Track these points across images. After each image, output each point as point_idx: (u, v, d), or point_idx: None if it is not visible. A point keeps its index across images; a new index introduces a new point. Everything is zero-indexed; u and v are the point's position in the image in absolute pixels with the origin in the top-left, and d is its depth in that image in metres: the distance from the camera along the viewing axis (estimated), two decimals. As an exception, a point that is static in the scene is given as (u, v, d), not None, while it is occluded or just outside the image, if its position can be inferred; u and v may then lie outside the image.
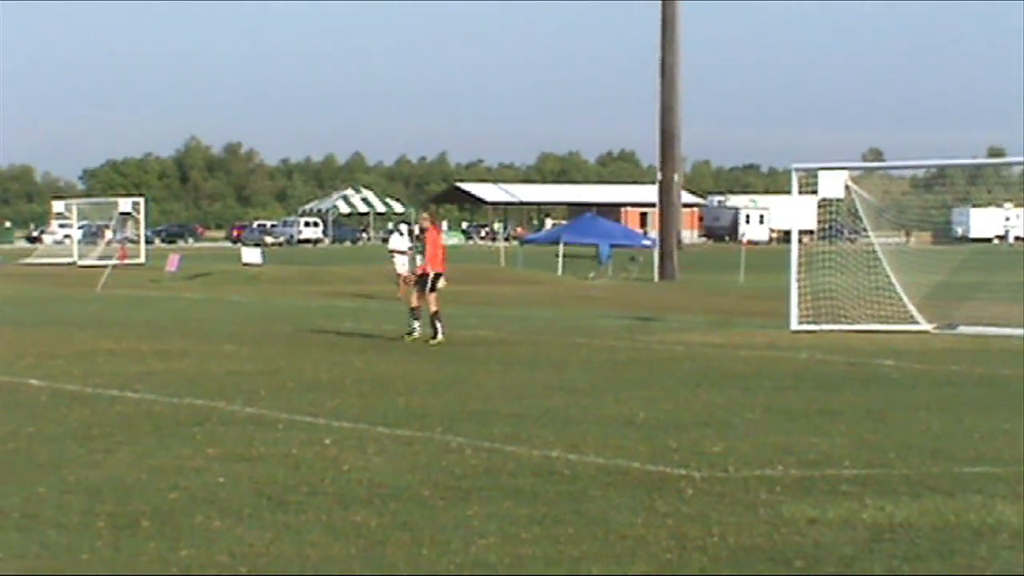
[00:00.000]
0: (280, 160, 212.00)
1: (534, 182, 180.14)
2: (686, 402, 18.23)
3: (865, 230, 33.05)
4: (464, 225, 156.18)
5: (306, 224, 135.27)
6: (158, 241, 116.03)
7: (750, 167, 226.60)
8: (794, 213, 32.74)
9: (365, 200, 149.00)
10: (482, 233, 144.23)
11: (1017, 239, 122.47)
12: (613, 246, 65.55)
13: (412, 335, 27.31)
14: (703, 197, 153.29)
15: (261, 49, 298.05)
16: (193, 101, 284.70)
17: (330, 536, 10.48)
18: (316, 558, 9.87)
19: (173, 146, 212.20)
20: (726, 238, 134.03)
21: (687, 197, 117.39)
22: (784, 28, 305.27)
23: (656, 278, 60.10)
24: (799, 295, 30.89)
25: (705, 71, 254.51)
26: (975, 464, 13.69)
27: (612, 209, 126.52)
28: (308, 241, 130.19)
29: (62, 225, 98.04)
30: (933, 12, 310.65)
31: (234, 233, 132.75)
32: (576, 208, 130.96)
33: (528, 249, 76.41)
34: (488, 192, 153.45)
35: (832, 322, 30.31)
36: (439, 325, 27.04)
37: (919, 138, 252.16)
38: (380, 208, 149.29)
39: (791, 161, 33.67)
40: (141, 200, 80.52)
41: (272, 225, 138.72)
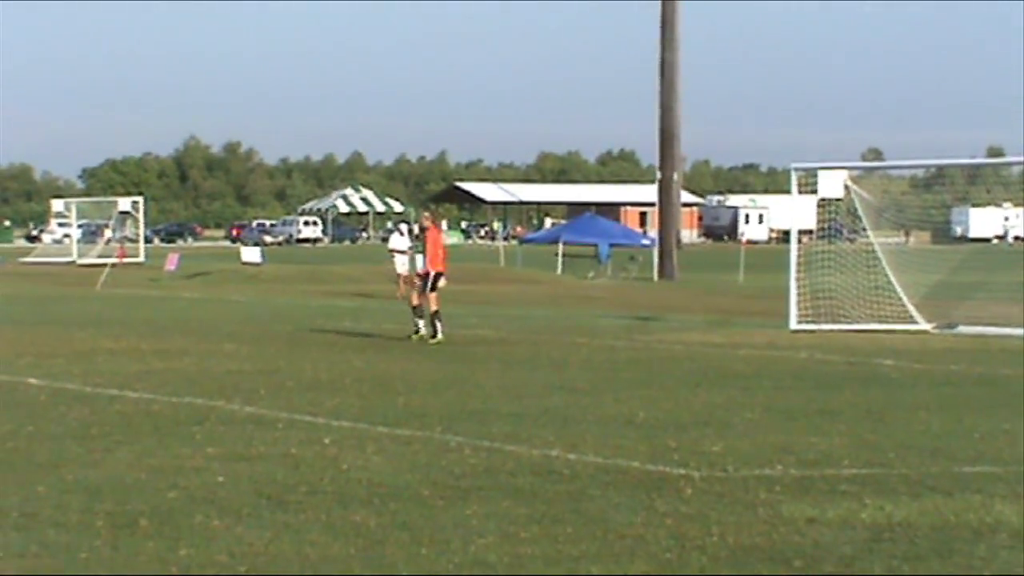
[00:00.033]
0: (279, 159, 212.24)
1: (534, 181, 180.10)
2: (685, 402, 18.23)
3: (864, 230, 33.06)
4: (463, 224, 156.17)
5: (305, 223, 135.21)
6: (157, 240, 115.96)
7: (749, 167, 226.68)
8: (794, 213, 32.75)
9: (364, 199, 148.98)
10: (481, 232, 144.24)
11: (1016, 239, 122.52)
12: (612, 246, 65.56)
13: (418, 333, 27.31)
14: (703, 197, 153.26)
15: (260, 48, 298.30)
16: (192, 100, 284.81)
17: (329, 535, 10.48)
18: (315, 557, 9.86)
19: (172, 145, 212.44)
20: (725, 238, 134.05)
21: (686, 197, 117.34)
22: (784, 28, 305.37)
23: (655, 278, 60.12)
24: (798, 295, 30.90)
25: (705, 71, 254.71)
26: (974, 464, 13.69)
27: (611, 209, 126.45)
28: (307, 240, 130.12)
29: (61, 224, 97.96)
30: (933, 12, 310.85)
31: (233, 232, 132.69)
32: (575, 208, 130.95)
33: (527, 248, 76.42)
34: (487, 191, 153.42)
35: (831, 322, 30.31)
36: (439, 324, 27.05)
37: (918, 138, 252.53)
38: (379, 207, 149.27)
39: (790, 161, 33.70)
40: (140, 199, 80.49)
41: (271, 224, 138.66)
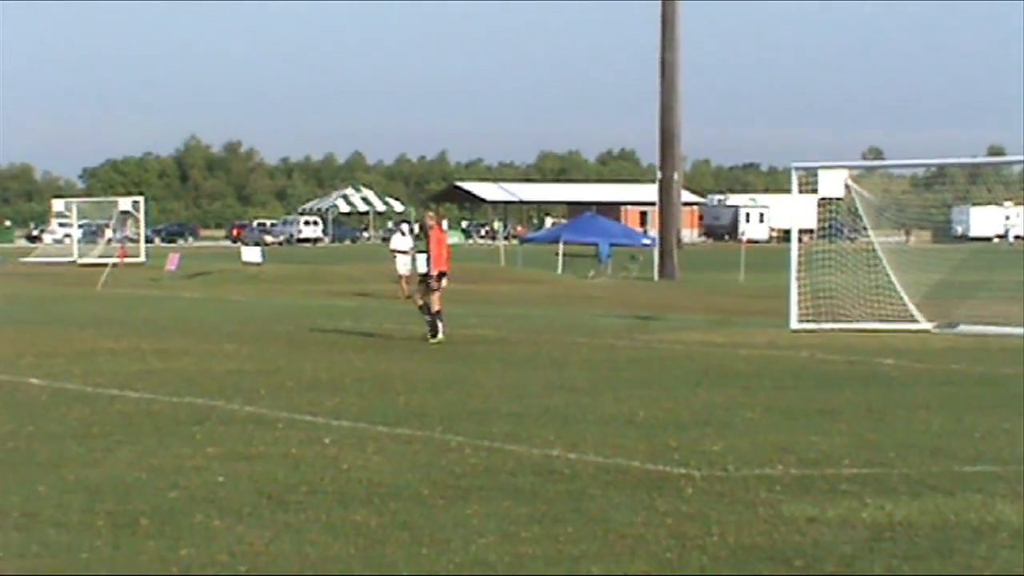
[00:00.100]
0: (280, 159, 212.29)
1: (534, 181, 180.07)
2: (686, 401, 18.23)
3: (865, 229, 33.05)
4: (464, 224, 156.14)
5: (306, 223, 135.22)
6: (158, 240, 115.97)
7: (750, 166, 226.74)
8: (794, 212, 32.75)
9: (365, 199, 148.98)
10: (482, 232, 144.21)
11: (1017, 238, 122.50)
12: (613, 245, 65.58)
13: (435, 337, 27.21)
14: (703, 196, 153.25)
15: (261, 48, 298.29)
16: (193, 100, 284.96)
17: (330, 535, 10.48)
18: (316, 557, 9.86)
19: (173, 145, 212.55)
20: (726, 237, 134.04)
21: (687, 196, 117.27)
22: (784, 27, 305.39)
23: (656, 277, 60.11)
24: (799, 294, 30.89)
25: (705, 70, 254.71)
26: (975, 463, 13.69)
27: (612, 208, 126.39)
28: (308, 240, 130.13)
29: (62, 224, 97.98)
30: (933, 11, 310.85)
31: (234, 232, 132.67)
32: (576, 207, 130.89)
33: (528, 248, 76.41)
34: (488, 191, 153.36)
35: (832, 321, 30.31)
36: (440, 324, 27.05)
37: (919, 137, 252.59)
38: (380, 207, 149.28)
39: (791, 160, 33.73)
40: (141, 199, 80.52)
41: (272, 224, 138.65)
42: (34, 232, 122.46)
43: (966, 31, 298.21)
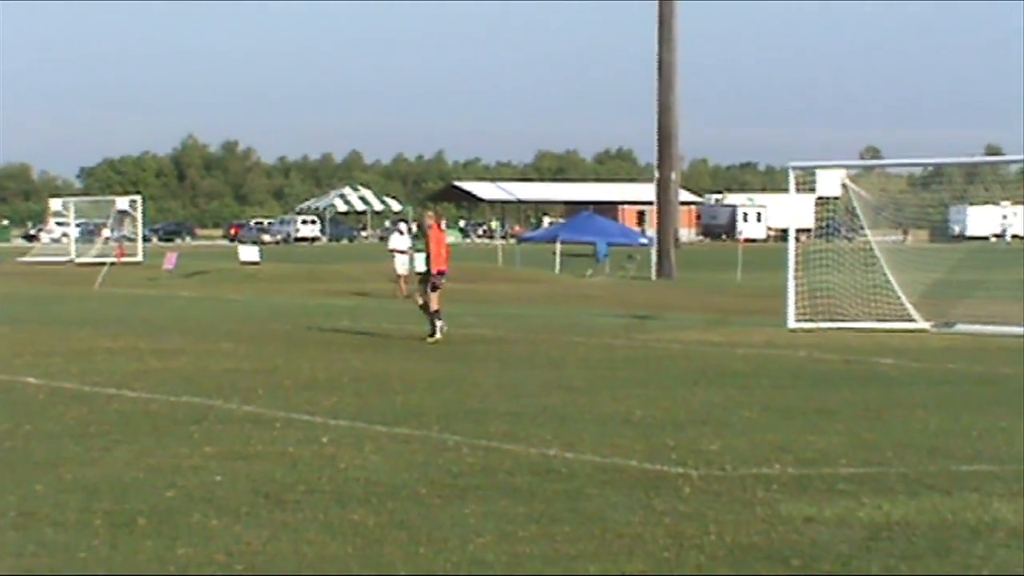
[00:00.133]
0: (277, 158, 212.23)
1: (531, 180, 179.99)
2: (683, 400, 18.23)
3: (862, 228, 33.06)
4: (461, 223, 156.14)
5: (303, 222, 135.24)
6: (155, 239, 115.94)
7: (747, 165, 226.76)
8: (792, 211, 32.76)
9: (362, 198, 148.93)
10: (479, 231, 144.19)
11: (1014, 237, 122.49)
12: (610, 244, 65.60)
13: (443, 331, 27.19)
14: (701, 195, 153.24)
15: (259, 48, 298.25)
16: (190, 100, 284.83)
17: (327, 534, 10.48)
18: (313, 556, 9.86)
19: (170, 144, 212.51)
20: (723, 236, 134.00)
21: (684, 195, 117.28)
22: (782, 27, 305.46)
23: (653, 276, 60.13)
24: (796, 293, 30.90)
25: (703, 70, 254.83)
26: (972, 462, 13.69)
27: (609, 207, 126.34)
28: (305, 239, 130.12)
29: (59, 223, 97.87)
30: (930, 11, 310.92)
31: (231, 231, 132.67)
32: (573, 206, 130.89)
33: (525, 247, 76.41)
34: (485, 190, 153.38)
35: (829, 320, 30.32)
36: (438, 324, 27.07)
37: (916, 136, 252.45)
38: (377, 206, 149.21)
39: (788, 159, 33.68)
40: (138, 198, 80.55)
41: (269, 223, 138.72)
42: (31, 231, 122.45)
43: (963, 31, 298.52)
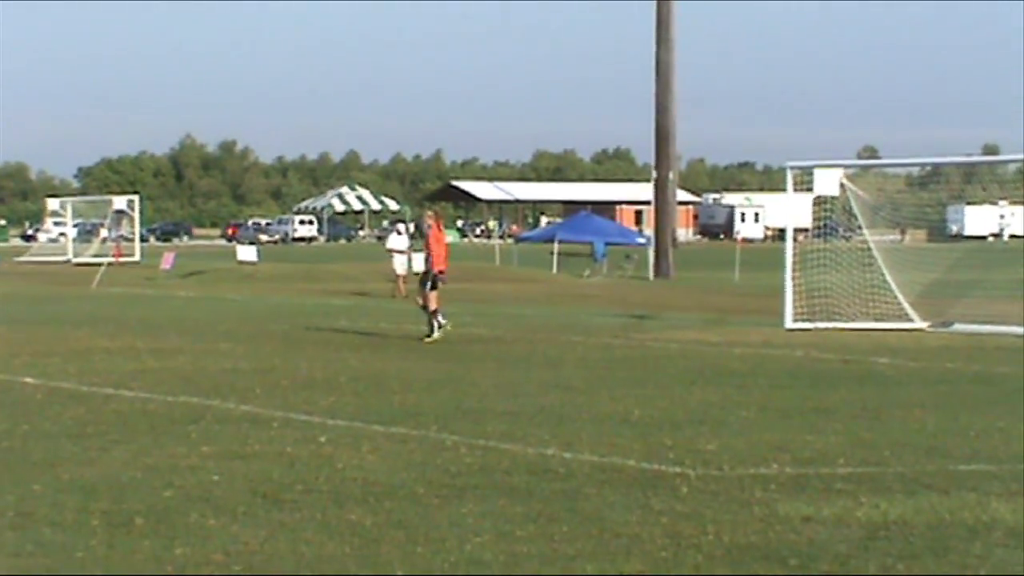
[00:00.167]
0: (275, 158, 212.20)
1: (529, 180, 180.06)
2: (681, 400, 18.23)
3: (860, 228, 33.06)
4: (459, 223, 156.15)
5: (301, 222, 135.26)
6: (153, 239, 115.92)
7: (745, 165, 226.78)
8: (789, 211, 32.77)
9: (360, 198, 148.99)
10: (477, 231, 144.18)
11: (1012, 237, 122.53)
12: (608, 244, 65.59)
13: (445, 328, 27.17)
14: (698, 195, 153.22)
15: (256, 47, 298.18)
16: (188, 99, 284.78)
17: (325, 534, 10.47)
18: (311, 556, 9.86)
19: (168, 144, 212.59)
20: (721, 236, 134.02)
21: (682, 195, 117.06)
22: (780, 27, 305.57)
23: (651, 276, 60.13)
24: (794, 293, 30.90)
25: (701, 70, 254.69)
26: (970, 462, 13.70)
27: (607, 207, 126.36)
28: (303, 239, 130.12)
29: (57, 223, 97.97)
30: (928, 11, 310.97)
31: (229, 231, 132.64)
32: (571, 206, 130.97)
33: (523, 247, 76.41)
34: (483, 190, 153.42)
35: (827, 320, 30.32)
36: (436, 323, 27.08)
37: (914, 136, 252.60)
38: (375, 206, 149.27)
39: (786, 159, 33.67)
40: (136, 198, 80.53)
41: (267, 223, 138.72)
42: (29, 231, 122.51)
43: (961, 31, 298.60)
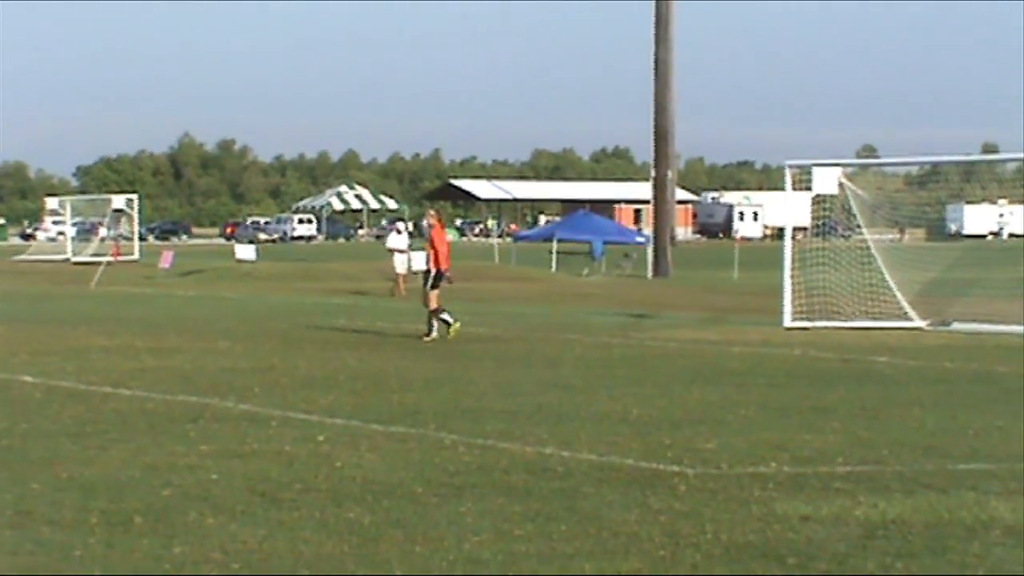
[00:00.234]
0: (274, 157, 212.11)
1: (528, 179, 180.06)
2: (679, 399, 18.23)
3: (859, 227, 33.06)
4: (458, 222, 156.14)
5: (300, 221, 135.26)
6: (152, 238, 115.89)
7: (744, 164, 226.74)
8: (788, 210, 32.74)
9: (359, 197, 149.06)
10: (476, 230, 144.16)
11: (1011, 235, 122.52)
12: (607, 243, 65.57)
13: (454, 326, 27.14)
14: (697, 194, 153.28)
15: (255, 46, 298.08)
16: (187, 98, 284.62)
17: (323, 533, 10.47)
18: (309, 555, 9.86)
19: (167, 143, 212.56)
20: (720, 235, 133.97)
21: (681, 194, 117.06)
22: (778, 26, 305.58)
23: (650, 275, 60.11)
24: (793, 292, 30.90)
25: (700, 69, 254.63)
26: (969, 461, 13.70)
27: (606, 206, 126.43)
28: (302, 238, 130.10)
29: (56, 222, 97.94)
30: (927, 10, 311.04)
31: (228, 230, 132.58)
32: (570, 205, 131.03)
33: (522, 246, 76.37)
34: (482, 189, 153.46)
35: (826, 319, 30.32)
36: (435, 323, 27.07)
37: (913, 135, 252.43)
38: (374, 205, 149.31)
39: (785, 158, 33.66)
40: (135, 197, 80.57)
41: (266, 222, 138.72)
42: (28, 230, 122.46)
43: (960, 30, 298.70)
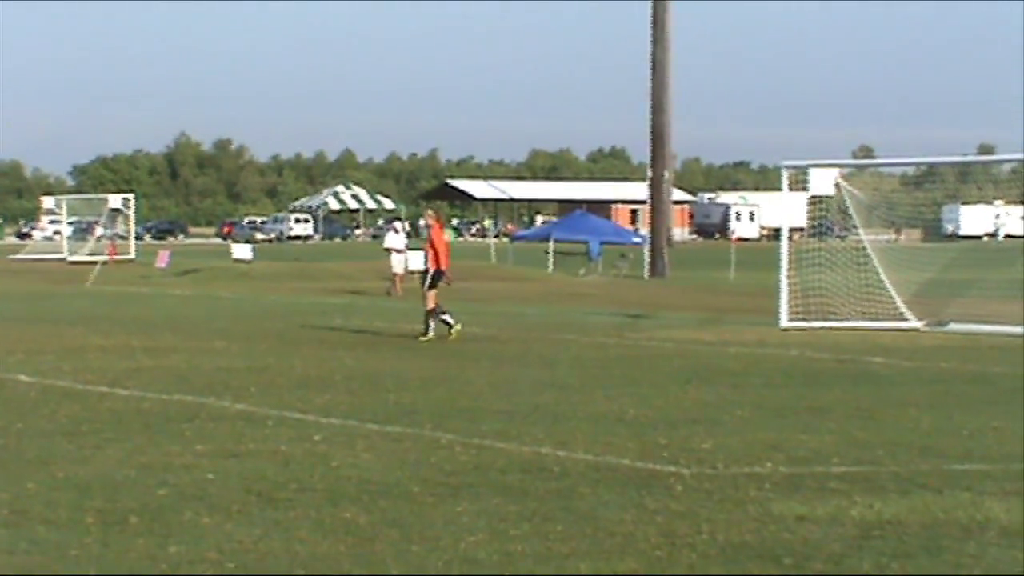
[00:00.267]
0: (270, 156, 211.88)
1: (525, 179, 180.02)
2: (676, 399, 18.24)
3: (855, 227, 33.09)
4: (455, 222, 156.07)
5: (296, 220, 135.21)
6: (148, 237, 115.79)
7: (740, 164, 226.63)
8: (784, 210, 32.74)
9: (355, 197, 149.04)
10: (473, 230, 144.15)
11: (1007, 236, 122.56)
12: (603, 243, 65.58)
13: (455, 327, 27.12)
14: (694, 194, 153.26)
15: (252, 45, 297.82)
16: (183, 97, 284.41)
17: (319, 533, 10.47)
18: (305, 555, 9.86)
19: (163, 142, 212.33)
20: (716, 235, 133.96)
21: (677, 194, 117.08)
22: (775, 26, 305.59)
23: (646, 275, 60.12)
24: (789, 292, 30.90)
25: (696, 69, 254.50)
26: (964, 461, 13.71)
27: (602, 206, 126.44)
28: (298, 237, 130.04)
29: (52, 221, 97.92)
30: (923, 10, 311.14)
31: (224, 229, 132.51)
32: (566, 205, 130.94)
33: (518, 246, 76.39)
34: (479, 189, 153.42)
35: (822, 319, 30.33)
36: (431, 323, 27.07)
37: (910, 135, 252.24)
38: (370, 204, 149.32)
39: (781, 158, 33.69)
40: (131, 196, 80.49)
41: (262, 221, 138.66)
42: (24, 229, 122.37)
43: (957, 30, 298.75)
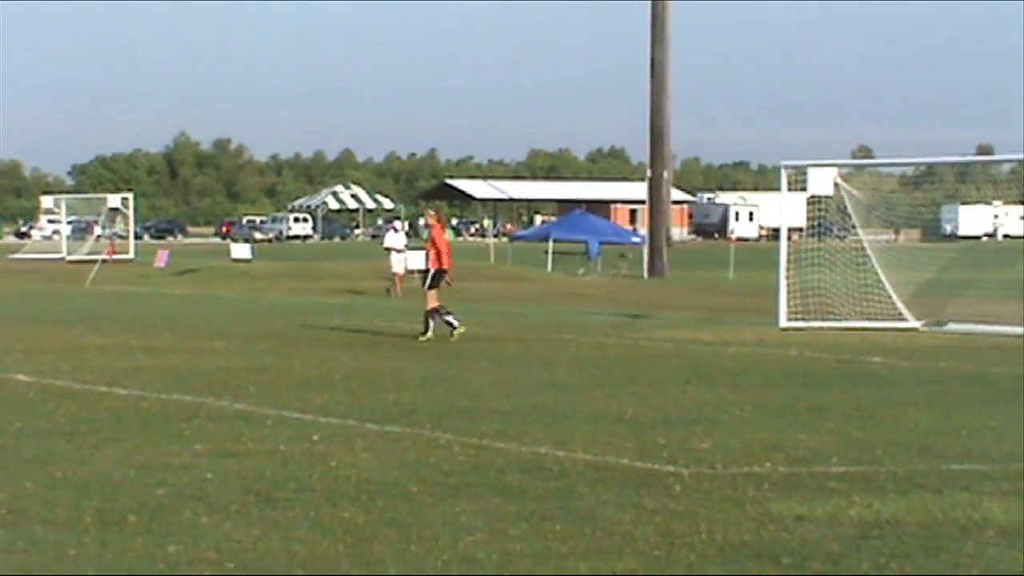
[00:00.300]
0: (270, 156, 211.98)
1: (524, 178, 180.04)
2: (675, 399, 18.24)
3: (854, 227, 33.07)
4: (454, 221, 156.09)
5: (295, 220, 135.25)
6: (147, 237, 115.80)
7: (740, 164, 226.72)
8: (783, 210, 32.75)
9: (355, 196, 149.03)
10: (472, 229, 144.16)
11: (1006, 236, 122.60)
12: (603, 243, 65.57)
13: (457, 329, 27.10)
14: (693, 194, 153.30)
15: (251, 45, 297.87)
16: (183, 97, 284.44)
17: (318, 533, 10.47)
18: (304, 555, 9.86)
19: (162, 142, 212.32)
20: (715, 235, 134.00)
21: (677, 194, 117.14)
22: (775, 26, 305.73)
23: (645, 275, 60.10)
24: (788, 292, 30.90)
25: (695, 69, 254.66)
26: (962, 461, 13.71)
27: (602, 206, 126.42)
28: (297, 237, 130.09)
29: (51, 221, 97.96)
30: (922, 10, 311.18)
31: (223, 229, 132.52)
32: (566, 205, 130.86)
33: (517, 246, 76.38)
34: (478, 188, 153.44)
35: (821, 319, 30.33)
36: (431, 323, 27.06)
37: (909, 135, 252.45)
38: (370, 204, 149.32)
39: (780, 158, 33.67)
40: (130, 196, 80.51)
41: (261, 221, 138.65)
42: (23, 228, 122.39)
43: (956, 30, 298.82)
